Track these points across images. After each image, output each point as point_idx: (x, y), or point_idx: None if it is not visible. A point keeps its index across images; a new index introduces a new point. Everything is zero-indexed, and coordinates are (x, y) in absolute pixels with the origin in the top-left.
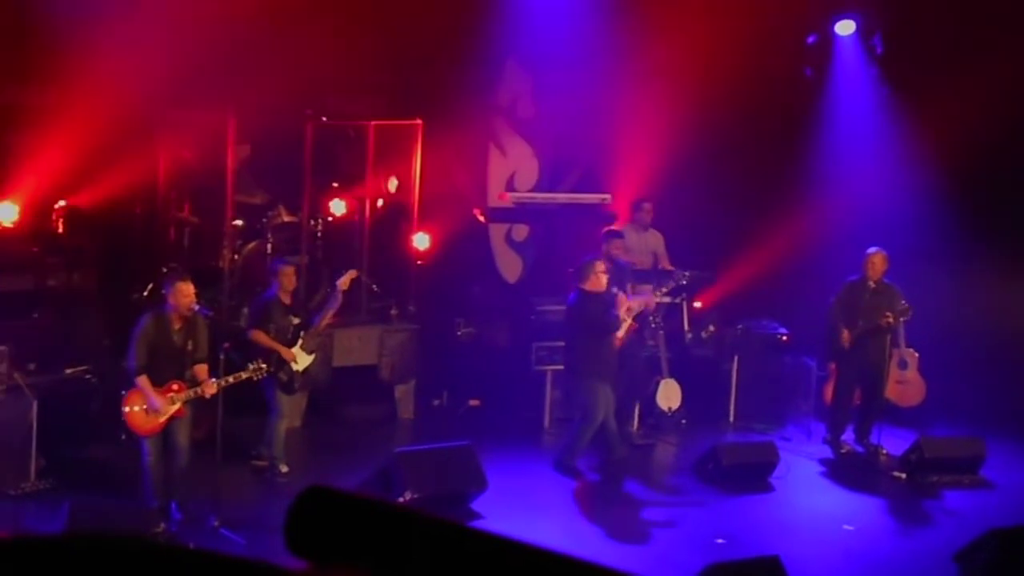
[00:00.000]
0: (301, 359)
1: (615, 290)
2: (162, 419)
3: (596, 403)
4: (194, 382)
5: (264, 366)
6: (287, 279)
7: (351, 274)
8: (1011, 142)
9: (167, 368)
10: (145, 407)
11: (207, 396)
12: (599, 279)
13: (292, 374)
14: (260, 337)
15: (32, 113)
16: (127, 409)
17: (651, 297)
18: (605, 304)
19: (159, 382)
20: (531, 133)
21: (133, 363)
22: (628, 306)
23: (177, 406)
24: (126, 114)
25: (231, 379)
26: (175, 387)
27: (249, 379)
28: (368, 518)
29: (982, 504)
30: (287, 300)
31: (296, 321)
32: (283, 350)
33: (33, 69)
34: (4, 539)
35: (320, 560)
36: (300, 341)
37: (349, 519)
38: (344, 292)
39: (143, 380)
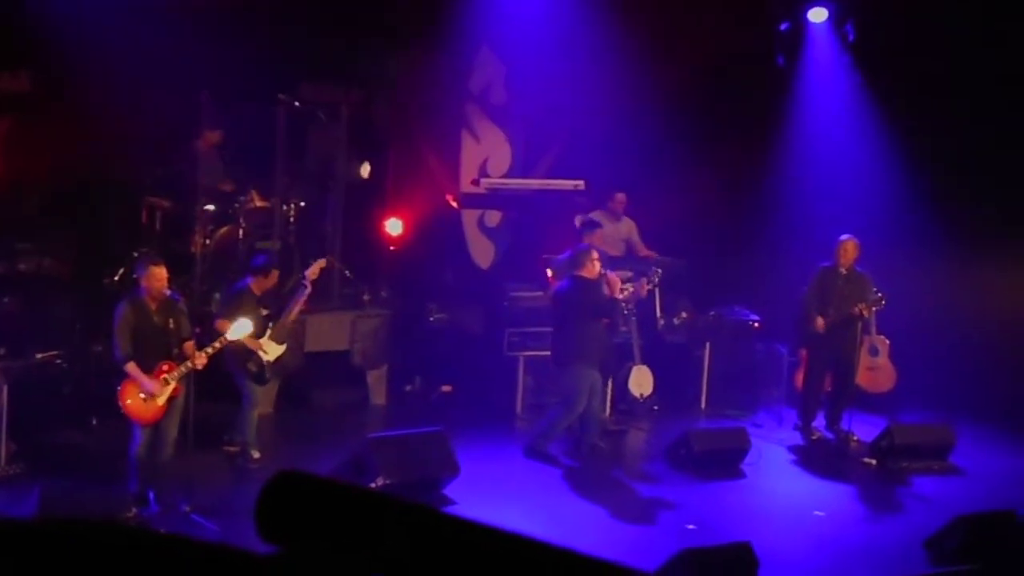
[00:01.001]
0: (271, 349)
1: (606, 271)
2: (161, 402)
3: (581, 392)
4: (183, 360)
5: (249, 325)
6: (271, 282)
7: (320, 263)
8: (983, 130)
9: (153, 351)
10: (141, 395)
11: (199, 368)
12: (594, 266)
13: (262, 364)
14: (226, 327)
15: (6, 97)
16: (126, 403)
17: (643, 288)
18: (600, 289)
19: (148, 367)
20: (504, 119)
21: (119, 352)
22: (620, 287)
23: (173, 385)
24: (97, 98)
25: (217, 344)
26: (165, 367)
27: (235, 341)
28: (338, 503)
29: (952, 490)
30: (258, 292)
31: (265, 312)
32: (250, 342)
33: (7, 54)
34: None
35: (291, 545)
36: (269, 332)
37: (319, 504)
38: (313, 282)
39: (132, 366)
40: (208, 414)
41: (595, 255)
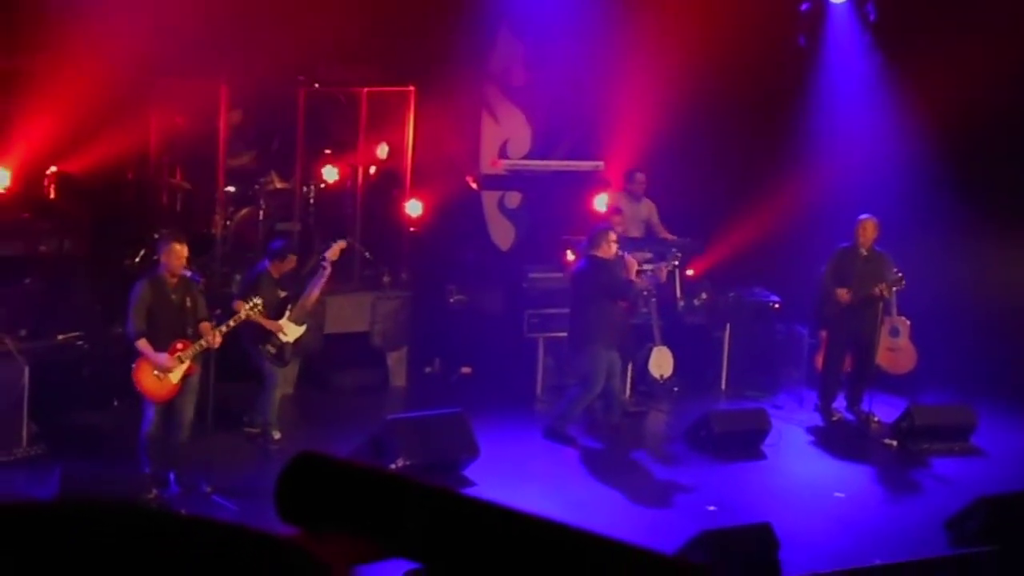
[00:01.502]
0: (290, 330)
1: (623, 254)
2: (175, 380)
3: (598, 372)
4: (198, 339)
5: (258, 301)
6: (288, 265)
7: (340, 244)
8: (1005, 110)
9: (169, 328)
10: (155, 373)
11: (215, 346)
12: (611, 247)
13: (282, 345)
14: (242, 307)
15: (23, 79)
16: (141, 380)
17: (662, 272)
18: (617, 270)
19: (163, 345)
20: (524, 100)
21: (132, 328)
22: (638, 270)
23: (187, 364)
24: (118, 80)
25: (231, 323)
26: (180, 346)
27: (248, 318)
28: (359, 484)
29: (972, 472)
30: (276, 274)
31: (283, 294)
32: (269, 323)
33: (24, 35)
34: None
35: (311, 527)
36: (288, 313)
37: (340, 485)
38: (333, 263)
39: (143, 343)
40: (228, 395)
41: (612, 236)
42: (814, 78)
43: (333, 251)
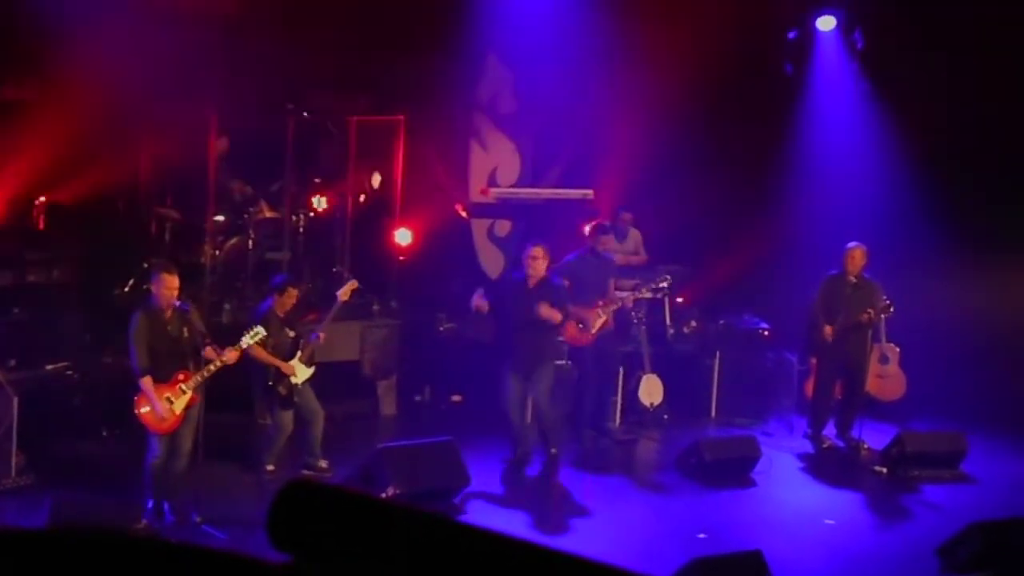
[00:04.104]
0: (300, 372)
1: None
2: (179, 410)
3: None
4: (199, 366)
5: (261, 328)
6: (289, 300)
7: (352, 284)
8: (993, 137)
9: (169, 360)
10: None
11: (232, 363)
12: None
13: (291, 387)
14: (258, 352)
15: (12, 109)
16: (142, 411)
17: (629, 299)
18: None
19: (164, 377)
20: (512, 128)
21: (136, 365)
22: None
23: (189, 395)
24: (107, 109)
25: (248, 339)
26: (181, 377)
27: (262, 340)
28: (350, 512)
29: (963, 498)
30: (281, 313)
31: (292, 335)
32: (282, 364)
33: (12, 65)
34: None
35: (303, 554)
36: (299, 354)
37: (331, 513)
38: (344, 303)
39: (147, 382)
40: (218, 426)
41: (535, 252)
42: (801, 106)
43: (344, 291)
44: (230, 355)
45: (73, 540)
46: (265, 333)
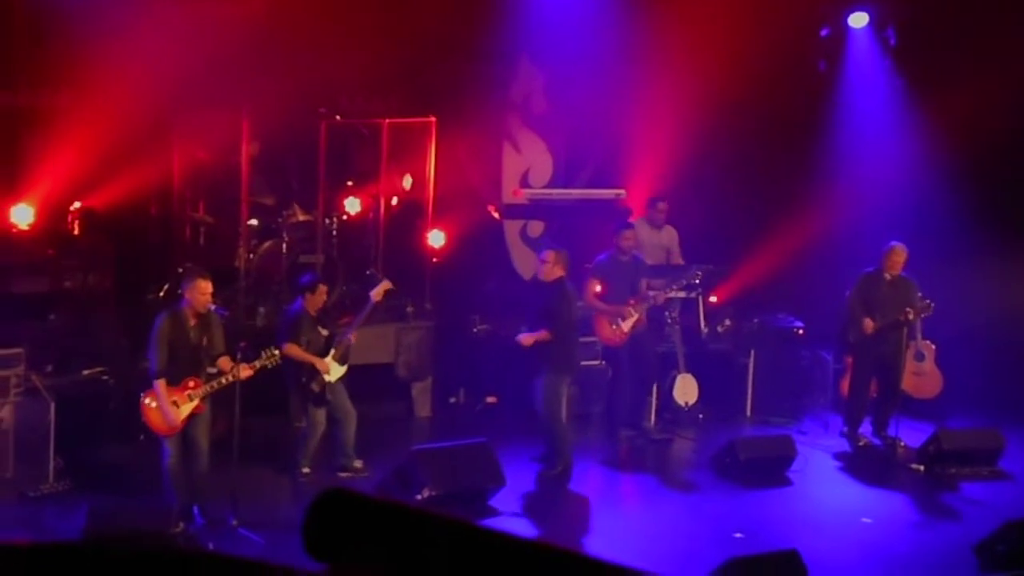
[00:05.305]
0: (334, 370)
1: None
2: (181, 417)
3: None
4: (211, 376)
5: (276, 352)
6: (320, 297)
7: (385, 285)
8: None
9: (184, 365)
10: (154, 404)
11: (243, 379)
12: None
13: (324, 385)
14: (294, 351)
15: (46, 115)
16: (147, 403)
17: (661, 296)
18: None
19: (175, 380)
20: (545, 129)
21: (154, 366)
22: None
23: (195, 403)
24: (140, 115)
25: (264, 359)
26: (191, 384)
27: (274, 365)
28: (385, 520)
29: (1001, 496)
30: (313, 312)
31: (326, 333)
32: (318, 361)
33: (47, 72)
34: (24, 544)
35: (338, 562)
36: (332, 352)
37: (367, 521)
38: (377, 303)
39: (162, 384)
40: (254, 429)
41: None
42: (835, 103)
43: (378, 291)
44: (243, 372)
45: (109, 552)
46: (278, 356)
